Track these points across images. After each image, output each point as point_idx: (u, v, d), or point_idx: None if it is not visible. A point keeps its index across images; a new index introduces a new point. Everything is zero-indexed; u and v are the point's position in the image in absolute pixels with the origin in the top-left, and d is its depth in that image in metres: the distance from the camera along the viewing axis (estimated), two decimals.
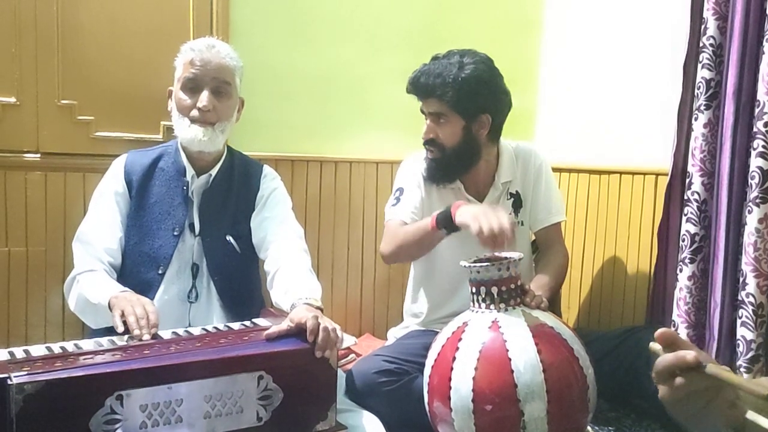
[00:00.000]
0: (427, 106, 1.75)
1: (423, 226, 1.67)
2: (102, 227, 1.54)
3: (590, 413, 1.43)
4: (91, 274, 1.47)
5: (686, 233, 1.77)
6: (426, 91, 1.72)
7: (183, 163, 1.59)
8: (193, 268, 1.58)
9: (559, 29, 2.50)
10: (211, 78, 1.54)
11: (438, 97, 1.70)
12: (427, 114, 1.76)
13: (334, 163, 2.27)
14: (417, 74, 1.74)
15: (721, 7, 1.70)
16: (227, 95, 1.57)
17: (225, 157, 1.64)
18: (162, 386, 1.09)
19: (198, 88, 1.54)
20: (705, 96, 1.72)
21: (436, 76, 1.69)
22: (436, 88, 1.69)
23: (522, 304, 1.46)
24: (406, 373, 1.62)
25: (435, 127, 1.75)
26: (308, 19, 2.21)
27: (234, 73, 1.58)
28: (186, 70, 1.54)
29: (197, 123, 1.53)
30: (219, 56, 1.55)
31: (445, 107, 1.71)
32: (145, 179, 1.58)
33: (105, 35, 1.92)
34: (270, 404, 1.18)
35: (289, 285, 1.44)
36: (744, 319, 1.60)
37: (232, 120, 1.61)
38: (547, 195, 1.88)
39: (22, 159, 1.87)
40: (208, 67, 1.53)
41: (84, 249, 1.51)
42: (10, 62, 1.83)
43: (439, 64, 1.71)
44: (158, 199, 1.57)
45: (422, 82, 1.71)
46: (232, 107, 1.60)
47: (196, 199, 1.59)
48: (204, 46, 1.56)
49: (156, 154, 1.62)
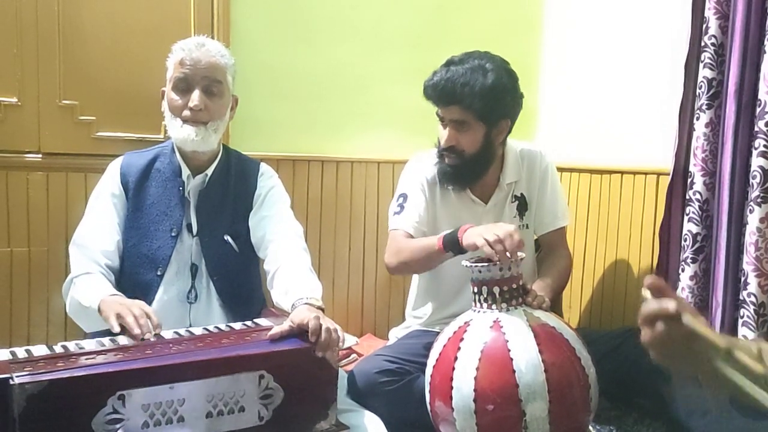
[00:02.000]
0: (448, 113, 1.69)
1: (429, 246, 1.65)
2: (99, 230, 1.53)
3: (592, 413, 1.43)
4: (87, 276, 1.46)
5: (688, 233, 1.77)
6: (451, 99, 1.66)
7: (178, 164, 1.58)
8: (192, 268, 1.57)
9: (559, 29, 2.49)
10: (201, 77, 1.52)
11: (465, 106, 1.65)
12: (448, 121, 1.70)
13: (335, 163, 2.27)
14: (438, 80, 1.66)
15: (722, 6, 1.69)
16: (219, 94, 1.55)
17: (221, 156, 1.63)
18: (164, 386, 1.09)
19: (189, 88, 1.52)
20: (707, 95, 1.72)
21: (462, 84, 1.63)
22: (464, 98, 1.63)
23: (524, 304, 1.47)
24: (407, 372, 1.62)
25: (456, 135, 1.70)
26: (309, 18, 2.22)
27: (225, 71, 1.57)
28: (176, 69, 1.53)
29: (189, 123, 1.52)
30: (209, 55, 1.53)
31: (470, 116, 1.66)
32: (141, 180, 1.57)
33: (106, 35, 1.93)
34: (271, 403, 1.19)
35: (290, 285, 1.44)
36: (745, 319, 1.60)
37: (225, 119, 1.60)
38: (553, 199, 1.88)
39: (24, 159, 1.87)
40: (199, 66, 1.52)
41: (80, 252, 1.51)
42: (11, 62, 1.83)
43: (461, 70, 1.65)
44: (155, 200, 1.57)
45: (447, 89, 1.65)
46: (225, 106, 1.58)
47: (193, 199, 1.59)
48: (194, 45, 1.54)
49: (152, 155, 1.61)
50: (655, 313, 0.78)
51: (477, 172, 1.76)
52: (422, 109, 1.78)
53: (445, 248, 1.60)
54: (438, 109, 1.72)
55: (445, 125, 1.72)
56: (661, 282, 0.80)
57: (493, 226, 1.51)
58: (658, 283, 0.80)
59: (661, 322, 0.78)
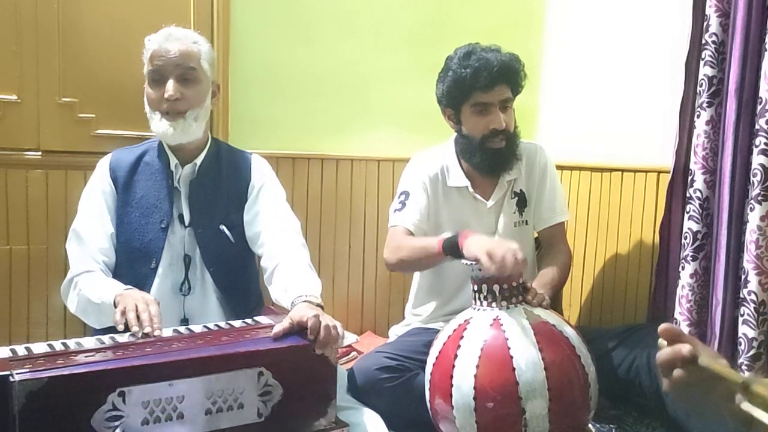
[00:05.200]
0: (497, 95, 1.71)
1: (429, 247, 1.64)
2: (94, 227, 1.53)
3: (591, 411, 1.43)
4: (89, 275, 1.47)
5: (688, 231, 1.77)
6: (504, 79, 1.70)
7: (166, 155, 1.57)
8: (185, 259, 1.56)
9: (560, 27, 2.49)
10: (174, 66, 1.50)
11: (514, 84, 1.73)
12: (497, 103, 1.72)
13: (335, 161, 2.27)
14: (483, 64, 1.68)
15: (723, 3, 1.69)
16: (195, 80, 1.52)
17: (209, 145, 1.62)
18: (163, 383, 1.09)
19: (163, 79, 1.50)
20: (707, 93, 1.72)
21: (506, 63, 1.70)
22: (511, 76, 1.71)
23: (524, 302, 1.47)
24: (407, 369, 1.62)
25: (505, 116, 1.74)
26: (310, 17, 2.21)
27: (199, 57, 1.53)
28: (149, 63, 1.52)
29: (167, 116, 1.50)
30: (180, 43, 1.51)
31: (511, 93, 1.74)
32: (130, 175, 1.57)
33: (106, 33, 1.92)
34: (270, 400, 1.18)
35: (289, 282, 1.44)
36: (746, 317, 1.60)
37: (205, 105, 1.56)
38: (552, 194, 1.88)
39: (23, 157, 1.87)
40: (170, 56, 1.50)
41: (79, 250, 1.51)
42: (11, 60, 1.83)
43: (493, 55, 1.70)
44: (145, 194, 1.56)
45: (502, 70, 1.69)
46: (203, 92, 1.55)
47: (184, 190, 1.58)
48: (162, 36, 1.53)
49: (141, 149, 1.61)
50: (672, 359, 0.78)
51: (516, 151, 1.79)
52: (422, 108, 1.78)
53: (444, 252, 1.60)
54: (480, 96, 1.71)
55: (491, 109, 1.72)
56: (675, 328, 0.81)
57: (496, 242, 1.49)
58: (671, 328, 0.81)
59: (678, 368, 0.78)
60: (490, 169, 1.78)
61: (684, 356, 0.76)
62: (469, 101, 1.72)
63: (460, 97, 1.73)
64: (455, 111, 1.77)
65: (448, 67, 1.75)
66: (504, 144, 1.75)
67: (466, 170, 1.83)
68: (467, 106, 1.74)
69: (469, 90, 1.70)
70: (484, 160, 1.77)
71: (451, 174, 1.83)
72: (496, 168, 1.79)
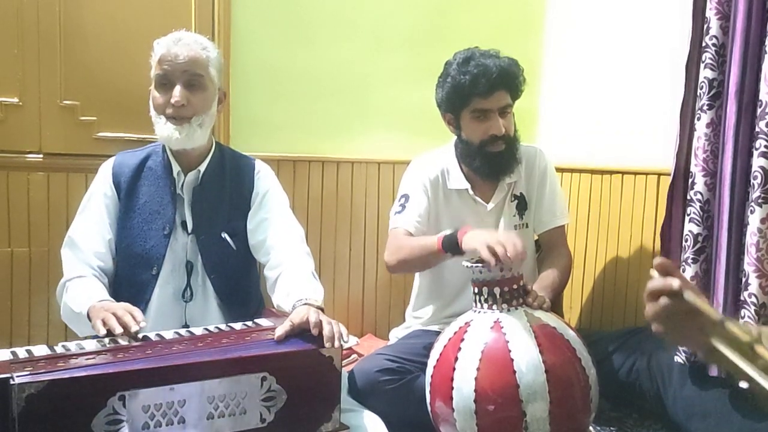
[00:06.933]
0: (496, 101, 1.71)
1: (428, 245, 1.64)
2: (90, 231, 1.52)
3: (592, 413, 1.43)
4: (80, 280, 1.46)
5: (689, 233, 1.76)
6: (502, 85, 1.70)
7: (169, 161, 1.57)
8: (188, 266, 1.56)
9: (561, 29, 2.49)
10: (181, 72, 1.49)
11: (513, 90, 1.74)
12: (497, 109, 1.72)
13: (335, 164, 2.27)
14: (482, 70, 1.68)
15: (723, 6, 1.69)
16: (201, 87, 1.52)
17: (213, 152, 1.61)
18: (164, 387, 1.09)
19: (170, 84, 1.50)
20: (708, 96, 1.72)
21: (504, 69, 1.70)
22: (511, 81, 1.72)
23: (524, 305, 1.47)
24: (408, 372, 1.62)
25: (505, 121, 1.74)
26: (310, 19, 2.22)
27: (207, 64, 1.53)
28: (157, 67, 1.51)
29: (173, 120, 1.50)
30: (188, 49, 1.50)
31: (510, 99, 1.75)
32: (133, 180, 1.56)
33: (107, 36, 1.93)
34: (274, 405, 1.18)
35: (291, 288, 1.43)
36: (746, 320, 1.59)
37: (211, 112, 1.56)
38: (552, 197, 1.88)
39: (25, 159, 1.87)
40: (178, 61, 1.49)
41: (73, 254, 1.50)
42: (12, 63, 1.83)
43: (492, 61, 1.70)
44: (148, 199, 1.55)
45: (501, 76, 1.69)
46: (209, 99, 1.54)
47: (187, 197, 1.57)
48: (171, 40, 1.52)
49: (144, 154, 1.60)
50: (660, 289, 0.84)
51: (516, 154, 1.80)
52: (423, 110, 1.79)
53: (444, 249, 1.60)
54: (479, 102, 1.71)
55: (490, 116, 1.72)
56: (669, 263, 0.86)
57: (496, 234, 1.50)
58: (666, 263, 0.86)
59: (664, 297, 0.83)
60: (491, 172, 1.79)
61: (672, 288, 0.82)
62: (468, 107, 1.73)
63: (459, 103, 1.73)
64: (455, 116, 1.77)
65: (447, 73, 1.75)
66: (504, 147, 1.75)
67: (467, 173, 1.83)
68: (466, 112, 1.74)
69: (468, 96, 1.70)
70: (484, 165, 1.77)
71: (452, 177, 1.83)
72: (496, 172, 1.79)
